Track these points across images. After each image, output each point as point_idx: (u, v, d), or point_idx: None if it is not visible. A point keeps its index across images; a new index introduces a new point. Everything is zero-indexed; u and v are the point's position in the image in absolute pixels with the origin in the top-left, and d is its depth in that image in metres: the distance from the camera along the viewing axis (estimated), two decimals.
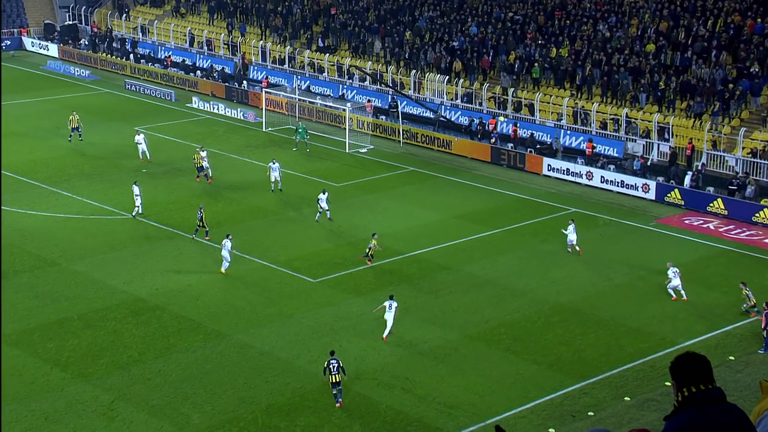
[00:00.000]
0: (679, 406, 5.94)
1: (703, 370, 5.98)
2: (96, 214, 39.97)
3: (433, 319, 31.09)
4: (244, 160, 48.68)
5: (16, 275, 33.47)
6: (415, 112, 55.48)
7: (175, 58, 67.78)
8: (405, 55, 58.43)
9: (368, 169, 48.22)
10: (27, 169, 45.70)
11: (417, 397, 26.36)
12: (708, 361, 5.99)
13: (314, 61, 61.81)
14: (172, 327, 30.06)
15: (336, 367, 25.49)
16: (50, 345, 28.57)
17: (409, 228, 39.64)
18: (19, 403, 25.27)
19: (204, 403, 25.70)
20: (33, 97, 60.28)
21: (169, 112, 58.07)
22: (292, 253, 36.34)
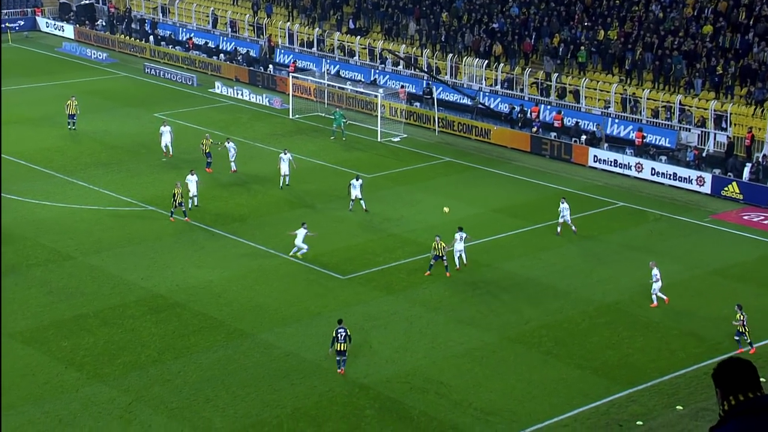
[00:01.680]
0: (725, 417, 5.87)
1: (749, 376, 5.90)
2: (113, 206, 40.37)
3: (470, 320, 31.05)
4: (270, 149, 48.88)
5: (29, 269, 33.92)
6: (451, 98, 55.32)
7: (197, 40, 68.20)
8: (441, 38, 58.26)
9: (401, 159, 48.21)
10: (41, 157, 46.25)
11: (452, 402, 26.35)
12: (754, 367, 5.91)
13: (344, 44, 61.87)
14: (192, 325, 30.30)
15: (344, 336, 26.93)
16: (65, 343, 28.93)
17: (445, 222, 39.53)
18: (32, 405, 25.63)
19: (226, 406, 25.89)
20: (47, 81, 60.98)
21: (191, 98, 58.47)
22: (319, 248, 36.45)
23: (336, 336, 27.09)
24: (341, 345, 27.00)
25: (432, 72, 56.42)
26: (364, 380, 27.34)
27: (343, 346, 26.99)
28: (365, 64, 60.34)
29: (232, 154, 44.36)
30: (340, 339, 27.04)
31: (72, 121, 50.26)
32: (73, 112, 50.19)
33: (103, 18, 74.58)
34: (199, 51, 66.75)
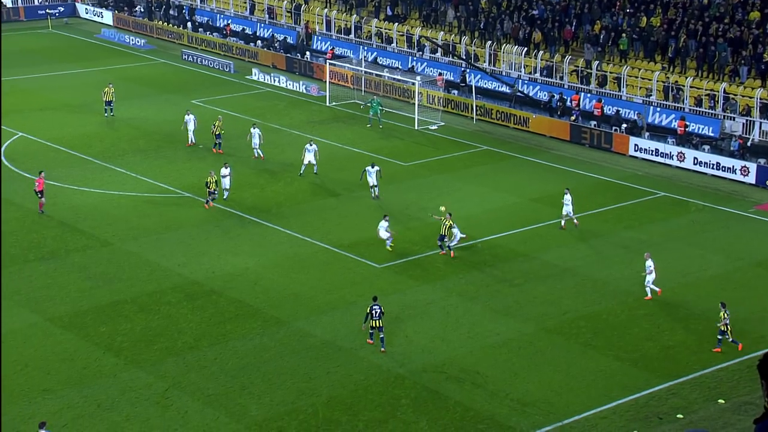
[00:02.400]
0: None
1: None
2: (151, 192, 40.72)
3: (507, 310, 30.96)
4: (306, 136, 48.93)
5: (68, 255, 34.34)
6: (489, 86, 55.06)
7: (234, 26, 68.48)
8: (480, 25, 57.96)
9: (438, 147, 48.10)
10: (79, 143, 46.74)
11: (488, 392, 26.31)
12: None
13: (382, 30, 61.76)
14: (228, 312, 30.51)
15: (378, 313, 27.77)
16: (103, 329, 29.27)
17: (482, 211, 39.45)
18: (71, 389, 25.98)
19: (262, 393, 26.06)
20: (86, 67, 61.56)
21: (228, 85, 58.75)
22: (356, 236, 36.50)
23: (371, 312, 27.85)
24: (376, 321, 27.78)
25: (470, 59, 56.15)
26: (399, 369, 27.38)
27: (378, 322, 27.79)
28: (403, 51, 60.20)
29: (256, 141, 44.45)
30: (375, 316, 27.82)
31: (109, 107, 50.72)
32: (109, 98, 50.64)
33: (142, 4, 75.10)
34: (237, 37, 67.01)
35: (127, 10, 74.70)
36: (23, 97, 54.55)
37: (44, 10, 74.19)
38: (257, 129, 44.90)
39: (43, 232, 36.18)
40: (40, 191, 37.41)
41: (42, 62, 62.70)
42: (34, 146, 46.33)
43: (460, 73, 56.09)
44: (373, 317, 27.85)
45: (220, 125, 45.49)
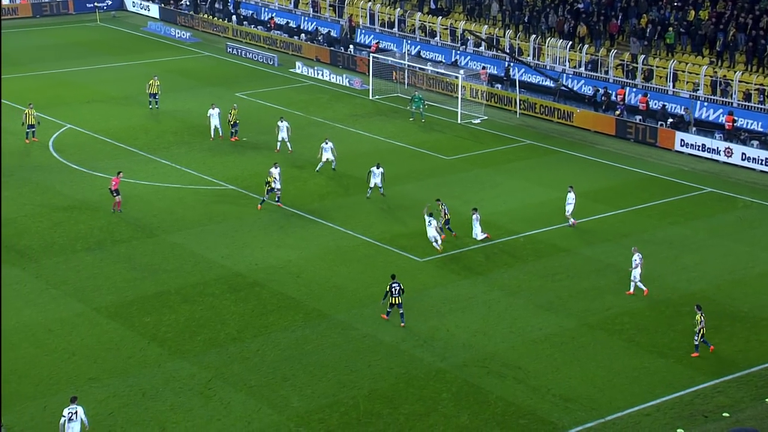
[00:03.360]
0: None
1: None
2: (195, 184, 41.06)
3: (549, 305, 30.79)
4: (349, 129, 49.09)
5: (114, 245, 34.77)
6: (533, 80, 54.74)
7: (278, 20, 68.79)
8: (524, 19, 57.59)
9: (481, 141, 47.94)
10: (125, 135, 47.27)
11: (530, 387, 26.20)
12: None
13: (426, 24, 61.65)
14: (271, 304, 30.70)
15: (397, 290, 28.96)
16: (147, 319, 29.61)
17: (524, 206, 39.25)
18: (116, 378, 26.33)
19: (303, 385, 26.19)
20: (132, 60, 62.23)
21: (271, 78, 59.03)
22: (397, 229, 36.51)
23: (390, 290, 28.98)
24: (395, 299, 28.92)
25: (514, 53, 55.84)
26: (441, 363, 27.37)
27: (397, 299, 28.93)
28: (446, 44, 60.04)
29: (284, 135, 44.49)
30: (394, 293, 28.96)
31: (154, 100, 51.21)
32: (154, 91, 51.12)
33: None
34: (281, 31, 67.30)
35: (173, 3, 75.32)
36: (71, 90, 55.29)
37: (93, 4, 75.12)
38: (285, 122, 45.00)
39: (90, 223, 36.66)
40: (115, 190, 37.59)
41: (90, 55, 63.49)
42: (82, 138, 46.95)
43: (504, 67, 55.82)
44: (393, 294, 28.95)
45: (236, 114, 46.10)
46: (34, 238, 35.18)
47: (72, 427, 22.77)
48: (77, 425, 22.85)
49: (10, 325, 29.03)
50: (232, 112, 46.53)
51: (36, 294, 31.00)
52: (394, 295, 29.02)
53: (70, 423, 22.75)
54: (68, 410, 22.89)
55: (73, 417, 22.82)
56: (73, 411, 22.89)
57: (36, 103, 51.34)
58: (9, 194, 38.95)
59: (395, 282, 29.21)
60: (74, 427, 22.79)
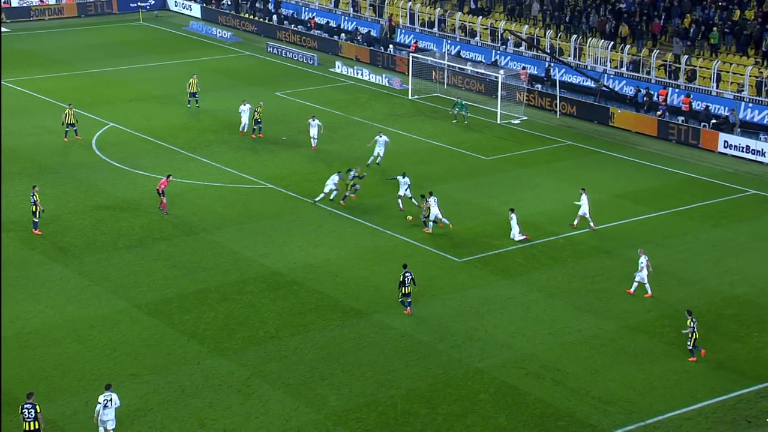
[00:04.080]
0: None
1: None
2: (235, 183, 41.33)
3: (588, 307, 30.56)
4: (388, 129, 49.05)
5: (154, 243, 35.10)
6: (574, 80, 54.36)
7: (319, 19, 69.01)
8: (565, 18, 57.21)
9: (521, 141, 47.71)
10: (166, 133, 47.70)
11: (569, 389, 26.02)
12: None
13: (466, 24, 61.49)
14: (309, 303, 30.81)
15: (410, 279, 29.65)
16: (187, 316, 29.85)
17: (564, 207, 38.98)
18: (156, 374, 26.58)
19: (341, 384, 26.25)
20: (174, 59, 62.77)
21: (311, 77, 59.24)
22: (436, 229, 36.44)
23: (403, 280, 29.68)
24: (407, 288, 29.70)
25: (555, 53, 55.49)
26: (479, 364, 27.28)
27: (409, 289, 29.74)
28: (486, 44, 59.84)
29: (315, 132, 44.60)
30: (406, 283, 29.67)
31: (193, 99, 51.62)
32: (194, 90, 51.53)
33: None
34: (321, 30, 67.50)
35: (215, 2, 75.87)
36: (114, 88, 55.90)
37: (136, 3, 75.90)
38: (317, 120, 45.09)
39: (132, 221, 37.04)
40: (162, 191, 37.94)
41: (132, 54, 64.15)
42: (124, 136, 47.46)
43: (544, 67, 55.51)
44: (405, 284, 29.63)
45: (261, 111, 46.56)
46: (77, 235, 35.62)
47: (107, 414, 23.44)
48: (112, 411, 23.49)
49: (53, 321, 29.45)
50: (258, 109, 46.78)
51: (79, 290, 31.40)
52: (406, 284, 29.68)
53: (105, 410, 23.40)
54: (103, 397, 23.52)
55: (108, 404, 23.44)
56: (108, 398, 23.51)
57: (80, 102, 52.06)
58: (53, 192, 39.48)
59: (407, 271, 29.81)
60: (109, 413, 23.45)
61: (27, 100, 52.68)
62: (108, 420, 23.43)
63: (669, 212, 38.33)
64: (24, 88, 55.07)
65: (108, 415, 23.39)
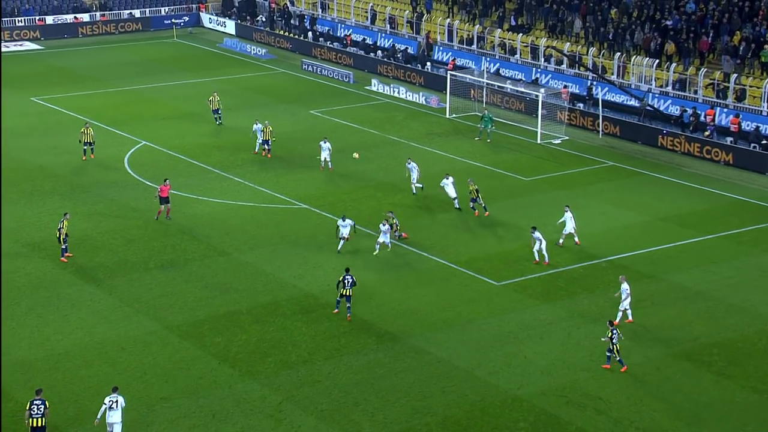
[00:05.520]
0: None
1: None
2: (268, 203, 41.59)
3: (632, 334, 30.29)
4: (425, 149, 49.19)
5: (186, 264, 35.38)
6: (617, 99, 54.14)
7: (355, 36, 69.44)
8: (609, 36, 57.08)
9: (561, 162, 47.55)
10: (199, 152, 48.16)
11: (612, 420, 25.77)
12: None
13: (505, 41, 61.55)
14: (343, 327, 30.85)
15: (350, 282, 30.77)
16: (218, 339, 30.02)
17: (607, 230, 38.76)
18: (187, 398, 26.72)
19: (375, 410, 26.21)
20: (208, 77, 63.45)
21: (346, 95, 59.58)
22: (474, 252, 36.40)
23: (343, 281, 30.80)
24: (347, 290, 30.69)
25: (598, 71, 55.34)
26: (517, 391, 27.13)
27: (349, 291, 30.72)
28: (527, 62, 59.83)
29: (325, 155, 44.63)
30: (347, 285, 30.76)
31: (217, 115, 52.05)
32: (216, 107, 52.02)
33: (264, 13, 76.98)
34: (357, 48, 67.91)
35: (250, 19, 76.68)
36: (147, 106, 56.61)
37: (170, 20, 76.92)
38: (328, 143, 45.08)
39: (163, 240, 37.39)
40: (164, 197, 38.67)
41: (166, 71, 64.97)
42: (156, 155, 47.99)
43: (587, 86, 55.36)
44: (345, 286, 30.66)
45: (269, 131, 46.80)
46: (108, 254, 36.03)
47: (112, 415, 24.21)
48: (117, 414, 24.24)
49: (83, 342, 29.75)
50: (264, 129, 46.89)
51: (109, 311, 31.72)
52: (346, 287, 30.68)
53: (111, 411, 24.20)
54: (109, 399, 24.37)
55: (114, 405, 24.25)
56: (114, 400, 24.33)
57: (112, 120, 52.83)
58: (84, 210, 39.99)
59: (349, 274, 30.92)
60: (114, 415, 24.22)
61: (60, 118, 53.50)
62: (115, 423, 24.22)
63: (717, 236, 37.96)
64: (57, 106, 55.95)
65: (113, 417, 24.21)
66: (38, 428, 23.79)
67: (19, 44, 72.12)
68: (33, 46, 72.19)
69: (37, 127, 51.83)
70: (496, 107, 55.31)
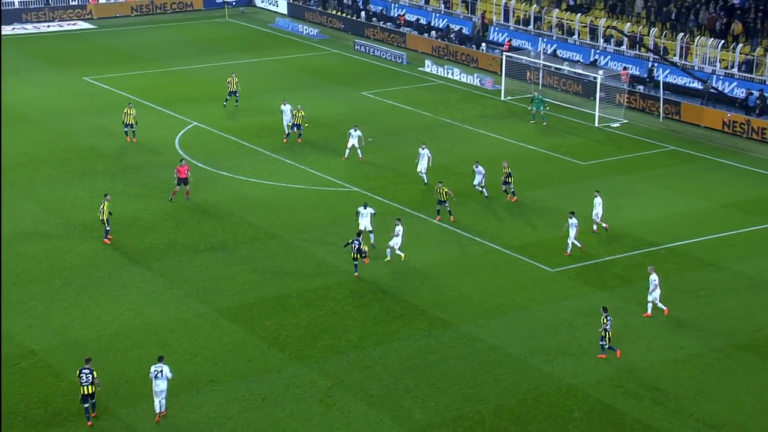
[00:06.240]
0: None
1: None
2: (318, 185, 41.70)
3: (692, 323, 29.89)
4: (478, 131, 48.93)
5: (236, 246, 35.65)
6: (679, 82, 53.30)
7: (408, 16, 69.20)
8: (671, 16, 56.13)
9: (620, 146, 46.98)
10: (250, 134, 48.41)
11: (669, 411, 25.48)
12: None
13: (563, 21, 60.87)
14: (394, 312, 30.86)
15: (357, 248, 32.19)
16: (269, 323, 30.22)
17: (667, 216, 38.25)
18: (237, 382, 26.96)
19: (426, 397, 26.21)
20: (259, 57, 63.73)
21: (399, 77, 59.42)
22: (528, 237, 36.16)
23: (351, 243, 32.41)
24: (355, 254, 32.39)
25: (659, 52, 54.49)
26: (572, 380, 26.94)
27: (355, 255, 32.44)
28: (585, 43, 59.12)
29: (354, 142, 44.17)
30: (353, 249, 32.19)
31: (233, 97, 51.86)
32: (234, 89, 51.94)
33: None
34: (410, 28, 67.66)
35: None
36: (198, 87, 57.01)
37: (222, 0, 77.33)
38: (358, 131, 44.61)
39: (214, 223, 37.70)
40: (182, 178, 38.99)
41: (217, 52, 65.36)
42: (207, 136, 48.36)
43: (647, 68, 54.56)
44: (352, 250, 32.37)
45: (300, 115, 46.29)
46: (159, 236, 36.42)
47: (158, 384, 25.05)
48: (163, 382, 25.08)
49: (134, 323, 30.16)
50: (295, 113, 46.58)
51: (160, 293, 32.10)
52: (353, 251, 32.31)
53: (156, 380, 25.06)
54: (154, 368, 25.17)
55: (159, 375, 25.06)
56: (159, 369, 25.12)
57: (163, 101, 53.32)
58: (135, 191, 40.47)
59: (357, 239, 32.51)
60: (160, 384, 25.06)
61: (111, 98, 54.13)
62: (160, 391, 24.99)
63: None
64: (109, 86, 56.62)
65: (160, 386, 24.97)
66: (87, 395, 24.82)
67: (72, 23, 73.09)
68: (86, 25, 73.10)
69: (89, 107, 52.53)
70: (552, 89, 54.76)
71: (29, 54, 63.65)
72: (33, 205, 39.09)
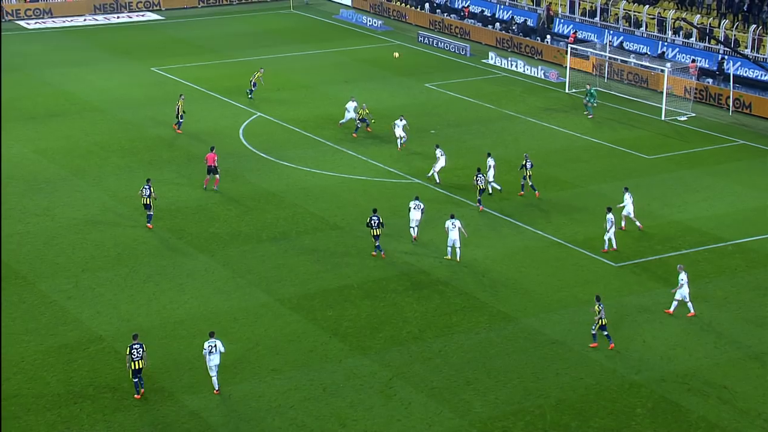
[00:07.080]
0: None
1: None
2: (380, 177, 41.80)
3: (761, 321, 29.38)
4: (542, 124, 48.59)
5: (298, 237, 35.93)
6: (750, 75, 52.27)
7: (473, 8, 68.91)
8: (743, 7, 55.03)
9: (687, 140, 46.28)
10: (313, 125, 48.69)
11: (737, 410, 25.09)
12: None
13: (630, 13, 60.06)
14: (455, 304, 30.85)
15: (377, 223, 33.11)
16: (329, 313, 30.42)
17: (735, 211, 37.60)
18: (297, 371, 27.22)
19: (487, 390, 26.18)
20: (323, 48, 64.02)
21: (462, 68, 59.23)
22: (591, 231, 35.81)
23: (370, 222, 33.22)
24: (375, 231, 33.11)
25: (730, 45, 53.50)
26: (635, 377, 26.67)
27: (377, 231, 33.14)
28: (652, 35, 58.29)
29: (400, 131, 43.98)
30: (373, 225, 33.07)
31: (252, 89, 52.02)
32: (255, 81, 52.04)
33: None
34: (474, 20, 67.38)
35: None
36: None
37: None
38: (404, 120, 44.46)
39: (276, 213, 38.05)
40: (211, 166, 39.26)
41: (281, 42, 65.82)
42: (271, 126, 48.77)
43: (717, 60, 53.62)
44: (372, 227, 33.09)
45: (364, 113, 46.22)
46: (223, 225, 36.87)
47: (212, 359, 25.87)
48: (217, 357, 25.87)
49: (198, 311, 30.60)
50: (360, 112, 46.57)
51: (223, 282, 32.51)
52: (373, 227, 33.04)
53: (210, 355, 25.86)
54: (208, 344, 25.94)
55: (213, 350, 25.87)
56: (212, 344, 25.92)
57: (228, 91, 53.87)
58: (200, 181, 40.97)
59: (375, 215, 33.27)
60: (214, 359, 25.88)
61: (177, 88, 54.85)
62: (214, 365, 25.81)
63: None
64: (174, 76, 57.38)
65: (213, 360, 25.78)
66: (137, 371, 25.59)
67: (141, 14, 74.21)
68: (154, 16, 74.17)
69: (156, 97, 53.32)
70: (618, 82, 54.10)
71: (98, 45, 64.82)
72: (101, 193, 39.84)
